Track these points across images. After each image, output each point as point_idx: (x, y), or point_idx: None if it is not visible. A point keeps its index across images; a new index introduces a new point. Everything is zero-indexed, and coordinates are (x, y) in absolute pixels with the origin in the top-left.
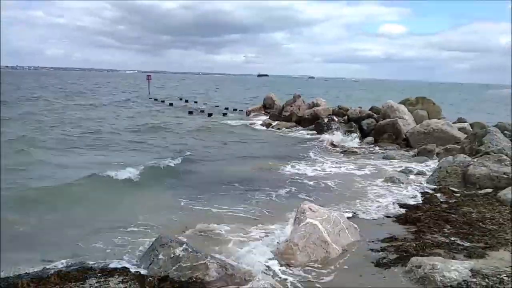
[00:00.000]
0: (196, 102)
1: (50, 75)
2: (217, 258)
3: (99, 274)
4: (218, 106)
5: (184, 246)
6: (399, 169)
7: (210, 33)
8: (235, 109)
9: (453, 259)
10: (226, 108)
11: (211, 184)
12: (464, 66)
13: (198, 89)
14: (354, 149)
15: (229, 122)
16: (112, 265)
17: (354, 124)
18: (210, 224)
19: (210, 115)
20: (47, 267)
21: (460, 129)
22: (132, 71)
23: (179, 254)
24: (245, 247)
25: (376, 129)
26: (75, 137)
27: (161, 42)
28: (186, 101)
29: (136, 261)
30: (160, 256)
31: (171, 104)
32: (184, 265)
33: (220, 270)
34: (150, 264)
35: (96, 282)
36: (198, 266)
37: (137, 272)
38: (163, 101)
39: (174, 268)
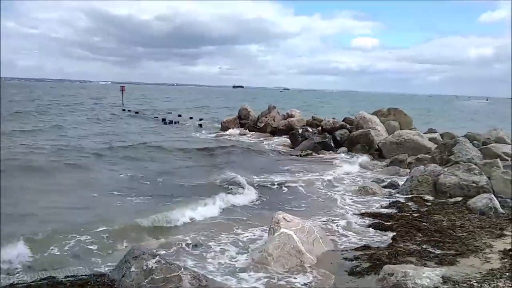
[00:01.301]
0: (170, 113)
1: (17, 87)
2: (190, 270)
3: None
4: (192, 118)
5: (157, 258)
6: (371, 179)
7: (186, 45)
8: (209, 120)
9: (424, 266)
10: (201, 119)
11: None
12: (436, 78)
13: (173, 99)
14: (328, 159)
15: (203, 134)
16: (82, 278)
17: (327, 135)
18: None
19: (182, 125)
20: (14, 280)
21: (430, 139)
22: (105, 82)
23: (152, 266)
24: (220, 256)
25: (350, 140)
26: None
27: (136, 53)
28: (160, 111)
29: (108, 273)
30: (133, 269)
31: (144, 115)
32: (157, 277)
33: (193, 282)
34: (122, 277)
35: None
36: (171, 278)
37: (109, 285)
38: (137, 112)
39: (147, 280)
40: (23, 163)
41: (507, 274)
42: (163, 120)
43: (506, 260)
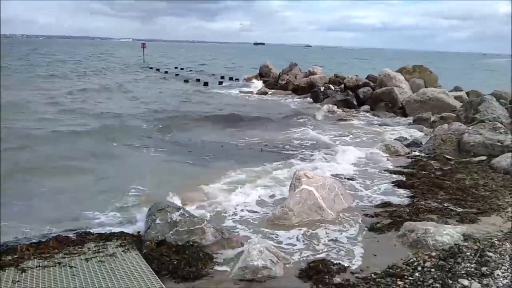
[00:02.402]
0: (191, 70)
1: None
2: (213, 223)
3: (97, 238)
4: (214, 75)
5: (181, 211)
6: (394, 137)
7: None
8: (231, 78)
9: (445, 224)
10: (222, 77)
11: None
12: (462, 35)
13: (194, 57)
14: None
15: (225, 91)
16: (110, 230)
17: (350, 93)
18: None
19: (206, 84)
20: (45, 232)
21: (456, 97)
22: (126, 39)
23: (176, 219)
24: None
25: (373, 98)
26: None
27: (155, 8)
28: (182, 69)
29: (134, 225)
30: (158, 221)
31: (166, 72)
32: (181, 229)
33: (216, 234)
34: (147, 229)
35: (95, 246)
36: (195, 230)
37: (135, 236)
38: (158, 70)
39: (171, 232)
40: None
41: None
42: (185, 80)
43: None
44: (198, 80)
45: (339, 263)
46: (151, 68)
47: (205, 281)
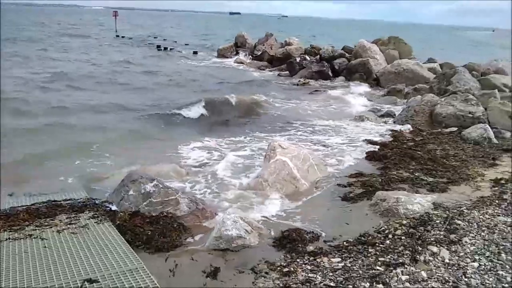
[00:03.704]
0: (165, 39)
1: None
2: (187, 193)
3: (69, 210)
4: (188, 44)
5: (154, 182)
6: (369, 108)
7: None
8: (206, 47)
9: (416, 193)
10: (197, 46)
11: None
12: (444, 8)
13: (168, 26)
14: (326, 88)
15: (199, 61)
16: (82, 201)
17: (326, 64)
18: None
19: (179, 52)
20: (14, 204)
21: (429, 69)
22: (98, 7)
23: (150, 190)
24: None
25: (348, 69)
26: None
27: None
28: (155, 37)
29: (107, 196)
30: (131, 192)
31: (141, 41)
32: (155, 200)
33: (191, 205)
34: (120, 200)
35: (67, 218)
36: (169, 201)
37: (107, 207)
38: (130, 38)
39: (145, 203)
40: None
41: (497, 201)
42: (158, 47)
43: (496, 188)
44: (171, 49)
45: (313, 232)
46: (123, 36)
47: (179, 252)
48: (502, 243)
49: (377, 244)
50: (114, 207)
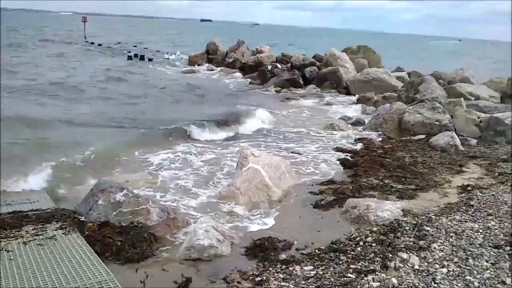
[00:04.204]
0: (135, 46)
1: None
2: (158, 203)
3: (35, 221)
4: (158, 51)
5: (124, 191)
6: (339, 116)
7: None
8: (176, 55)
9: (386, 200)
10: (168, 53)
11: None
12: (411, 17)
13: (138, 32)
14: (297, 96)
15: (170, 69)
16: (49, 211)
17: (297, 72)
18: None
19: (150, 59)
20: None
21: (398, 77)
22: (66, 12)
23: (120, 199)
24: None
25: (319, 77)
26: None
27: None
28: (125, 44)
29: (75, 206)
30: (100, 202)
31: (108, 47)
32: (125, 210)
33: (162, 214)
34: (89, 210)
35: (33, 229)
36: (139, 211)
37: (76, 217)
38: (100, 45)
39: (114, 213)
40: None
41: (464, 208)
42: (129, 54)
43: (463, 195)
44: (142, 57)
45: (285, 240)
46: (92, 43)
47: (150, 262)
48: (469, 249)
49: (348, 252)
50: (82, 218)
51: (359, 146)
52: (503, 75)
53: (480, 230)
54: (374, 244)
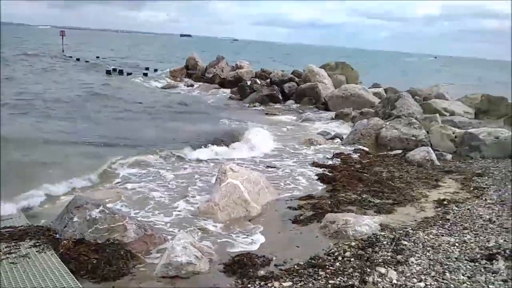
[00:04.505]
0: (114, 60)
1: None
2: (135, 219)
3: (8, 238)
4: (138, 66)
5: (100, 207)
6: (317, 131)
7: None
8: (155, 70)
9: (364, 214)
10: (147, 68)
11: None
12: (386, 34)
13: (117, 47)
14: (276, 112)
15: (150, 83)
16: (22, 228)
17: (276, 87)
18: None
19: (129, 74)
20: None
21: (375, 93)
22: (44, 26)
23: (96, 216)
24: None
25: (297, 93)
26: None
27: None
28: (104, 58)
29: (49, 223)
30: (75, 219)
31: (86, 62)
32: (101, 227)
33: (139, 231)
34: (64, 227)
35: (6, 247)
36: (116, 227)
37: (50, 235)
38: (78, 59)
39: (90, 230)
40: None
41: (440, 222)
42: (107, 70)
43: (439, 209)
44: (121, 71)
45: (264, 256)
46: (70, 57)
47: (126, 280)
48: (446, 263)
49: (327, 267)
50: (57, 235)
51: (337, 161)
52: (477, 92)
53: (457, 244)
54: (352, 259)
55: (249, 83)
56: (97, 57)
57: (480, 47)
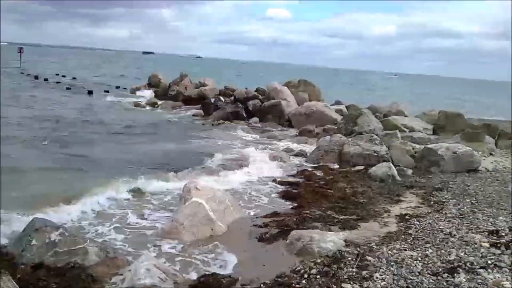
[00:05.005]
0: (74, 78)
1: None
2: (97, 242)
3: None
4: (97, 83)
5: (60, 230)
6: (281, 149)
7: (93, 5)
8: (117, 87)
9: (329, 231)
10: (108, 85)
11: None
12: (344, 52)
13: (79, 64)
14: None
15: (111, 101)
16: None
17: (240, 105)
18: None
19: (90, 92)
20: None
21: (337, 110)
22: (3, 43)
23: (55, 239)
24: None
25: (261, 110)
26: None
27: (37, 11)
28: (63, 76)
29: (6, 247)
30: (34, 242)
31: (46, 80)
32: (61, 250)
33: (100, 254)
34: (22, 251)
35: None
36: (77, 250)
37: (7, 259)
38: (36, 77)
39: (49, 254)
40: None
41: (403, 236)
42: (68, 88)
43: (402, 223)
44: (81, 89)
45: (230, 276)
46: (28, 75)
47: None
48: (409, 277)
49: (293, 285)
50: (15, 259)
51: (301, 177)
52: (434, 108)
53: (419, 258)
54: (318, 276)
55: (213, 100)
56: (57, 74)
57: (437, 65)
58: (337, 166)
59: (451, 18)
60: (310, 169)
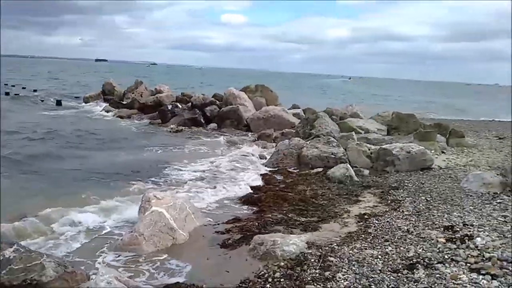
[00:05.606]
0: (24, 88)
1: None
2: (54, 257)
3: None
4: (52, 92)
5: (15, 246)
6: (241, 153)
7: (43, 13)
8: (76, 97)
9: (291, 234)
10: (60, 94)
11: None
12: (299, 57)
13: (28, 72)
14: (199, 135)
15: (64, 111)
16: None
17: (198, 111)
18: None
19: (42, 101)
20: None
21: (294, 114)
22: None
23: (10, 256)
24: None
25: (219, 116)
26: None
27: None
28: (13, 86)
29: None
30: None
31: None
32: (16, 267)
33: (58, 269)
34: None
35: None
36: (33, 267)
37: None
38: None
39: (4, 271)
40: None
41: (363, 236)
42: (7, 93)
43: (361, 223)
44: (30, 97)
45: (193, 285)
46: None
47: None
48: (371, 275)
49: None
50: None
51: (261, 181)
52: (388, 109)
53: (379, 256)
54: (282, 280)
55: (170, 107)
56: (5, 84)
57: (388, 67)
58: (297, 169)
59: (401, 22)
60: (270, 173)
